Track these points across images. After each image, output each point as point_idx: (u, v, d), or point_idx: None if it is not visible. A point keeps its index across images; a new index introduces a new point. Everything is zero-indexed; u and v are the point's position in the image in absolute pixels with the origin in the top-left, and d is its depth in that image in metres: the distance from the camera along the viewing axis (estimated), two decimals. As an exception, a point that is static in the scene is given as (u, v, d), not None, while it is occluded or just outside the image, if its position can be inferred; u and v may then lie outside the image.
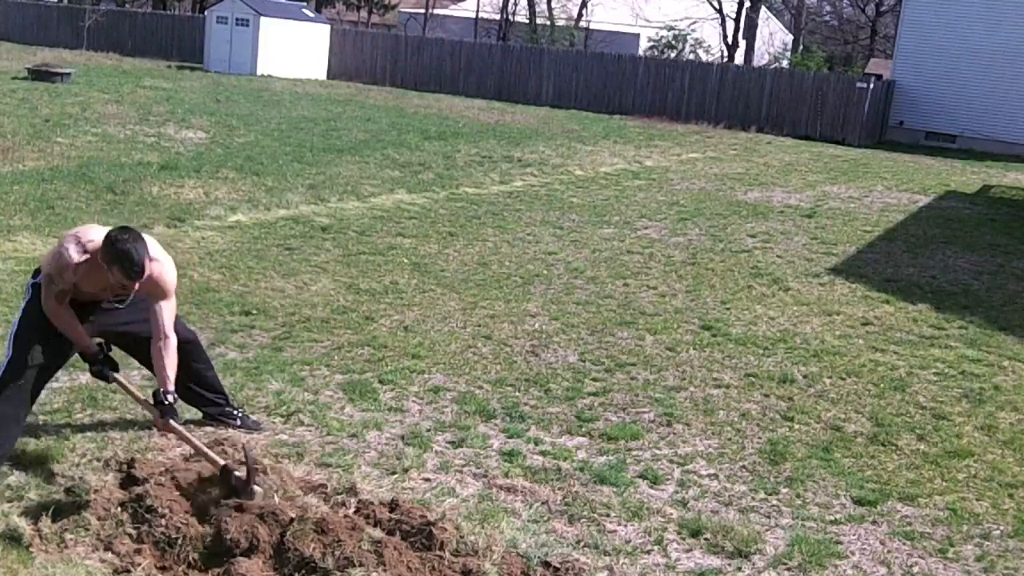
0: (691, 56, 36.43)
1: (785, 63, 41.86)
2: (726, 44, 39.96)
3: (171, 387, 3.89)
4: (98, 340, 4.13)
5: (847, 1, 52.94)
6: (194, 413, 4.57)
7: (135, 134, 13.79)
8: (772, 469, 4.57)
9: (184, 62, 30.87)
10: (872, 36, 48.45)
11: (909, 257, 9.87)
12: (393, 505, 3.76)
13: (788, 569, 3.70)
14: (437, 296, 7.09)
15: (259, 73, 28.47)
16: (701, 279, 8.26)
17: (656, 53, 35.49)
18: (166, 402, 3.86)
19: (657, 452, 4.67)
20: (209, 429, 4.48)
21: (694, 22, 38.40)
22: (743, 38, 40.89)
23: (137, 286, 3.78)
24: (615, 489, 4.19)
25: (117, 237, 3.70)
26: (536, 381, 5.48)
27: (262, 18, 28.85)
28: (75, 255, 3.77)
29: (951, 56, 24.41)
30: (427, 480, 4.18)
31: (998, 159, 22.34)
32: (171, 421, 3.86)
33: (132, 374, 4.69)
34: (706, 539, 3.85)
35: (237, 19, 29.10)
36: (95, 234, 3.82)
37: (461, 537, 3.55)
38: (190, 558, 3.41)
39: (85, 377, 4.94)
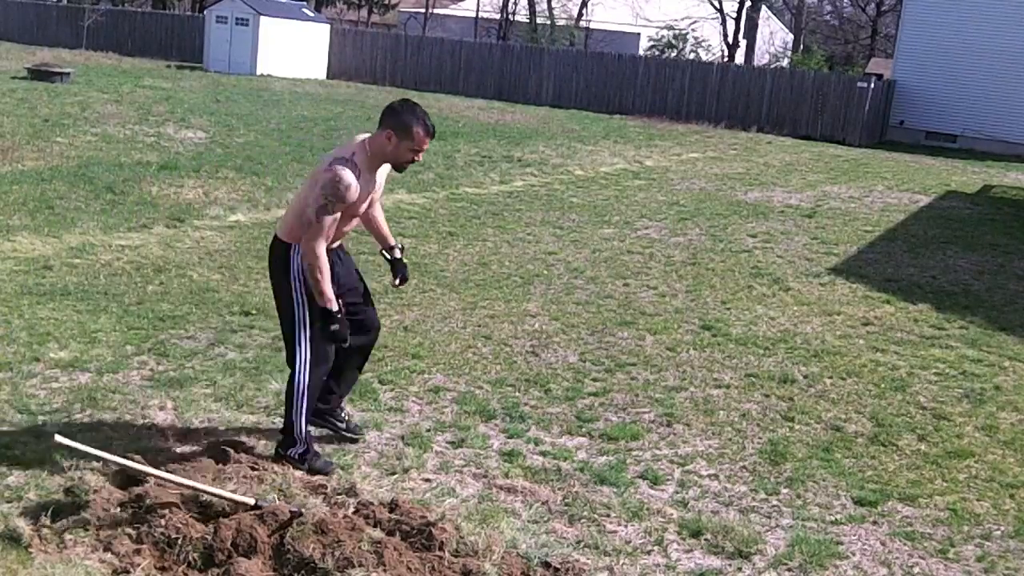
0: (691, 56, 36.43)
1: (785, 63, 41.89)
2: (726, 44, 39.98)
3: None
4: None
5: (847, 1, 52.95)
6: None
7: (135, 134, 13.79)
8: (772, 469, 4.56)
9: (184, 62, 30.87)
10: (873, 35, 48.46)
11: (910, 257, 9.87)
12: (393, 505, 3.75)
13: (788, 569, 3.70)
14: (437, 296, 7.09)
15: (259, 73, 28.48)
16: (701, 279, 8.26)
17: (656, 53, 35.49)
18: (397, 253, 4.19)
19: (657, 452, 4.66)
20: (220, 430, 4.48)
21: (694, 22, 38.43)
22: (743, 38, 40.90)
23: (427, 144, 3.90)
24: (615, 489, 4.19)
25: (403, 106, 3.86)
26: (536, 381, 5.48)
27: (262, 18, 28.85)
28: (350, 172, 3.80)
29: (952, 56, 24.42)
30: (427, 480, 4.18)
31: (999, 159, 22.35)
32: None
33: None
34: (706, 539, 3.85)
35: (237, 19, 29.10)
36: (346, 150, 3.87)
37: (461, 537, 3.54)
38: (190, 558, 3.41)
39: (85, 377, 4.95)
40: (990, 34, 23.93)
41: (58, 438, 3.54)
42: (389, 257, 4.40)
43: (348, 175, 3.81)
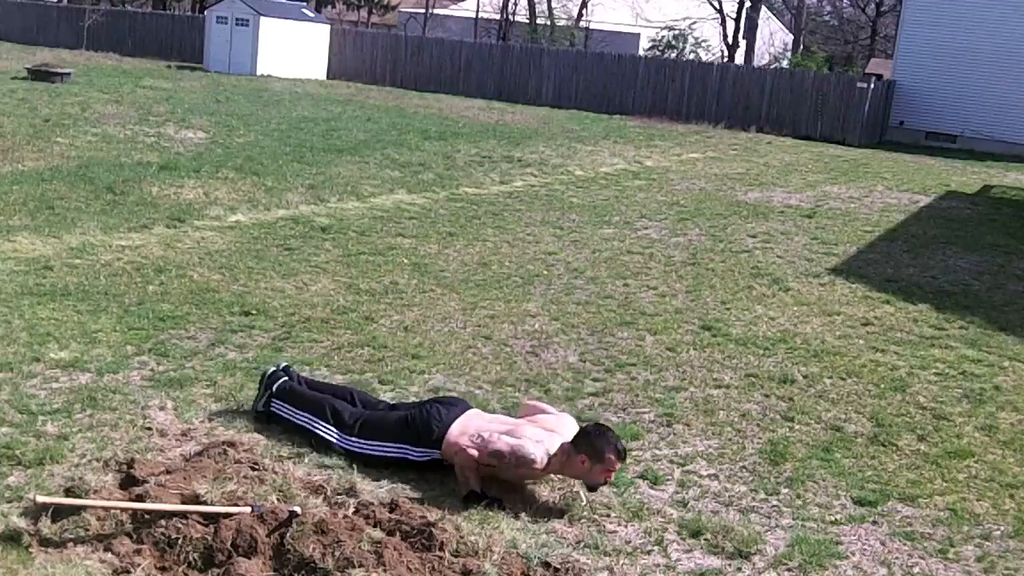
0: (691, 56, 36.43)
1: (785, 63, 41.88)
2: (726, 44, 39.98)
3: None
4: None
5: (847, 1, 52.96)
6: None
7: (135, 134, 13.79)
8: (772, 469, 4.56)
9: (184, 62, 30.87)
10: (872, 36, 48.47)
11: (909, 257, 9.87)
12: (393, 505, 3.76)
13: (788, 570, 3.70)
14: (437, 296, 7.09)
15: (259, 73, 28.47)
16: (701, 279, 8.26)
17: (656, 53, 35.49)
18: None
19: (657, 452, 4.66)
20: (220, 430, 4.48)
21: (694, 22, 38.40)
22: (743, 38, 40.90)
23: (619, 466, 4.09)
24: (615, 489, 4.19)
25: (597, 432, 4.06)
26: (536, 381, 5.48)
27: (262, 18, 28.84)
28: (540, 462, 4.00)
29: (951, 56, 24.42)
30: (427, 480, 4.17)
31: (999, 159, 22.34)
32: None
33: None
34: (706, 539, 3.85)
35: (237, 19, 29.10)
36: (552, 441, 4.06)
37: (461, 537, 3.54)
38: (190, 558, 3.41)
39: (85, 377, 4.95)
40: (990, 34, 23.93)
41: (39, 499, 3.51)
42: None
43: (539, 462, 3.99)
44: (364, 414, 4.40)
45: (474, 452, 4.01)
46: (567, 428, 4.18)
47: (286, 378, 4.63)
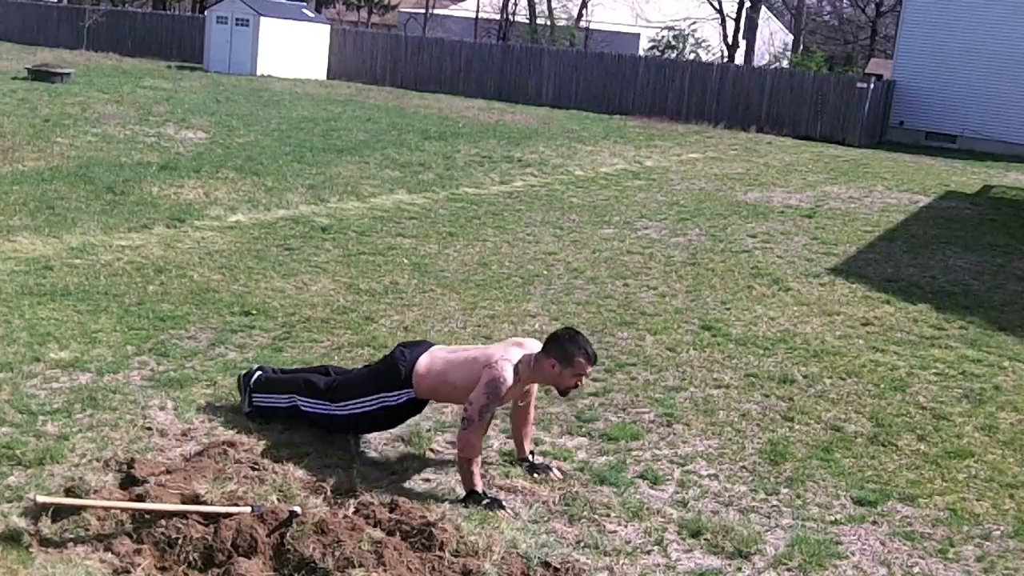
0: (691, 56, 36.43)
1: (785, 63, 41.88)
2: (726, 44, 39.98)
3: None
4: None
5: (847, 1, 52.96)
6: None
7: (135, 134, 13.80)
8: (772, 469, 4.56)
9: (184, 62, 30.87)
10: (872, 36, 48.47)
11: (909, 257, 9.88)
12: (393, 505, 3.76)
13: (788, 569, 3.70)
14: (437, 296, 7.09)
15: (259, 73, 28.47)
16: (701, 279, 8.26)
17: (656, 53, 35.49)
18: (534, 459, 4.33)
19: (657, 452, 4.66)
20: (220, 430, 4.48)
21: (694, 22, 38.40)
22: (743, 38, 40.90)
23: (590, 370, 4.10)
24: (615, 489, 4.19)
25: (567, 335, 4.08)
26: (536, 381, 5.47)
27: (262, 18, 28.85)
28: (511, 377, 4.01)
29: (951, 56, 24.43)
30: (427, 480, 4.18)
31: (998, 159, 22.34)
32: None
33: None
34: (706, 539, 3.85)
35: (237, 19, 29.10)
36: (512, 354, 4.08)
37: (461, 537, 3.54)
38: (190, 558, 3.41)
39: (85, 377, 4.95)
40: (989, 34, 23.94)
41: (39, 499, 3.52)
42: (526, 465, 4.37)
43: (510, 377, 4.00)
44: (336, 379, 4.49)
45: (470, 434, 3.98)
46: (532, 344, 4.22)
47: (260, 372, 4.71)
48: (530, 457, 4.37)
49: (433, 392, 4.28)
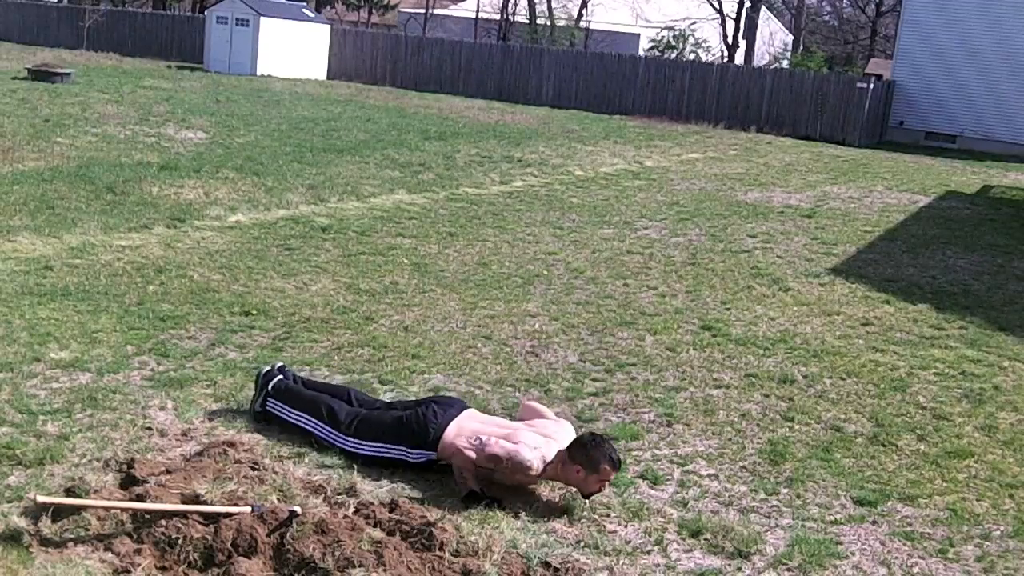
0: (691, 56, 36.43)
1: (785, 63, 41.89)
2: (726, 44, 39.98)
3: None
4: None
5: (847, 1, 52.97)
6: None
7: (135, 134, 13.80)
8: (772, 469, 4.57)
9: (184, 62, 30.88)
10: (872, 36, 48.48)
11: (909, 257, 9.88)
12: (393, 505, 3.76)
13: (788, 570, 3.70)
14: (437, 296, 7.09)
15: (259, 73, 28.48)
16: (701, 279, 8.26)
17: (656, 53, 35.49)
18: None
19: (657, 452, 4.67)
20: (220, 430, 4.48)
21: (694, 22, 38.41)
22: (743, 38, 40.91)
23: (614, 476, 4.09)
24: (615, 489, 4.19)
25: (592, 442, 4.03)
26: (536, 381, 5.48)
27: (262, 18, 28.85)
28: (536, 471, 4.02)
29: (951, 56, 24.43)
30: (427, 480, 4.18)
31: (998, 159, 22.35)
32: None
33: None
34: (706, 539, 3.85)
35: (237, 19, 29.11)
36: (549, 448, 4.07)
37: (461, 537, 3.55)
38: (190, 558, 3.41)
39: (85, 377, 4.95)
40: (989, 34, 23.94)
41: (39, 499, 3.52)
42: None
43: (536, 470, 4.01)
44: (360, 413, 4.40)
45: (471, 454, 4.01)
46: (564, 435, 4.19)
47: (281, 377, 4.64)
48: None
49: (454, 458, 4.17)
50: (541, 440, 4.11)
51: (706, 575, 3.62)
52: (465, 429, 4.20)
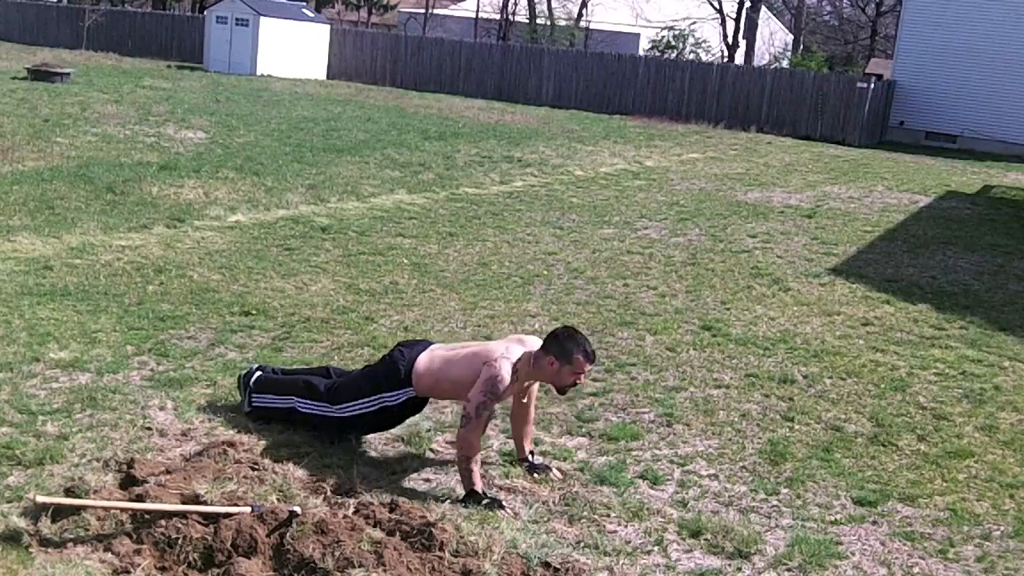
0: (691, 56, 36.43)
1: (785, 63, 41.88)
2: (726, 44, 39.98)
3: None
4: None
5: (847, 1, 52.97)
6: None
7: (135, 134, 13.80)
8: (772, 469, 4.56)
9: (184, 62, 30.88)
10: (872, 36, 48.47)
11: (909, 257, 9.87)
12: (393, 505, 3.76)
13: (788, 570, 3.70)
14: (437, 296, 7.09)
15: (259, 73, 28.48)
16: (701, 279, 8.26)
17: (656, 53, 35.49)
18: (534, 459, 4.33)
19: (657, 452, 4.66)
20: (220, 430, 4.48)
21: (694, 22, 38.41)
22: (743, 38, 40.90)
23: (588, 368, 4.09)
24: (615, 489, 4.19)
25: (566, 333, 4.06)
26: (536, 381, 5.47)
27: (262, 18, 28.85)
28: (509, 375, 4.01)
29: (951, 56, 24.43)
30: (427, 480, 4.18)
31: (999, 159, 22.35)
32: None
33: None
34: (706, 539, 3.85)
35: (237, 19, 29.11)
36: (511, 353, 4.08)
37: (461, 537, 3.54)
38: (190, 558, 3.41)
39: (85, 377, 4.95)
40: (990, 34, 23.94)
41: (39, 499, 3.52)
42: (526, 465, 4.36)
43: (508, 375, 4.01)
44: (336, 381, 4.48)
45: (469, 432, 3.98)
46: (533, 343, 4.21)
47: (260, 372, 4.70)
48: (530, 457, 4.37)
49: (432, 389, 4.28)
50: (503, 347, 4.14)
51: (706, 575, 3.62)
52: (436, 358, 4.26)
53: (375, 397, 4.29)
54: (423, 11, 46.43)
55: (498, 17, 42.91)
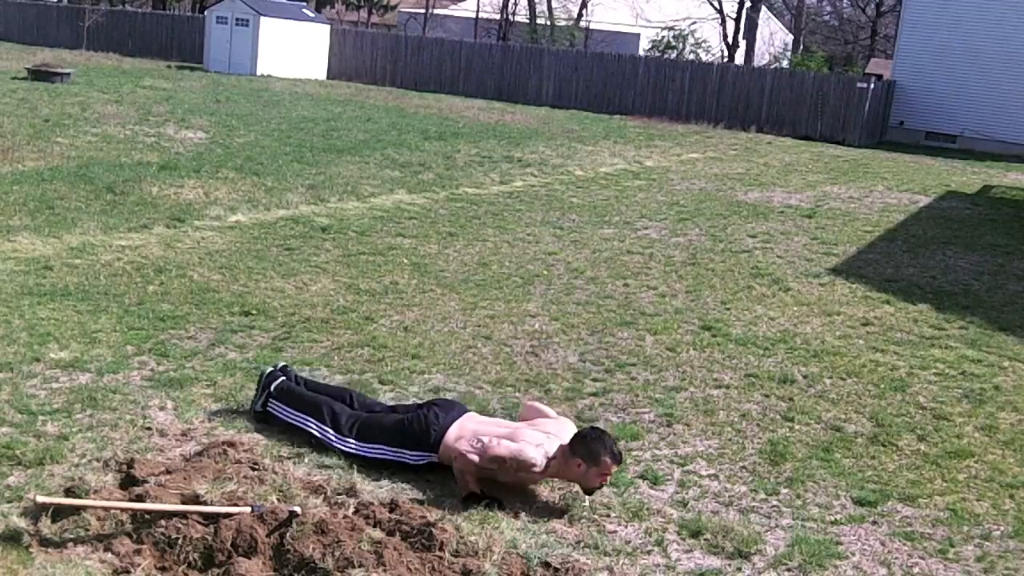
0: (691, 56, 36.43)
1: (785, 63, 41.88)
2: (726, 44, 39.99)
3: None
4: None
5: (847, 1, 52.97)
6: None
7: (135, 134, 13.80)
8: (772, 469, 4.56)
9: (184, 62, 30.88)
10: (872, 36, 48.48)
11: (909, 257, 9.87)
12: (393, 505, 3.76)
13: (788, 570, 3.70)
14: (437, 296, 7.09)
15: (259, 73, 28.48)
16: (701, 279, 8.26)
17: (656, 53, 35.49)
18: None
19: (657, 452, 4.66)
20: (220, 430, 4.48)
21: (694, 22, 38.41)
22: (743, 38, 40.90)
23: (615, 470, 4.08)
24: (615, 489, 4.19)
25: (593, 435, 4.04)
26: (536, 381, 5.48)
27: (262, 18, 28.86)
28: (540, 467, 4.01)
29: (951, 56, 24.42)
30: (427, 480, 4.18)
31: (999, 159, 22.34)
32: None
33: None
34: (706, 540, 3.85)
35: (237, 19, 29.11)
36: (551, 443, 4.07)
37: (461, 537, 3.55)
38: (190, 558, 3.41)
39: (85, 377, 4.95)
40: (989, 34, 23.94)
41: (39, 499, 3.52)
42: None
43: (539, 467, 4.00)
44: (361, 416, 4.40)
45: (475, 457, 4.00)
46: (566, 432, 4.18)
47: (284, 378, 4.64)
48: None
49: (456, 461, 4.14)
50: (543, 437, 4.11)
51: (706, 575, 3.62)
52: (466, 430, 4.19)
53: (397, 450, 4.22)
54: (423, 11, 46.43)
55: (498, 17, 42.92)
